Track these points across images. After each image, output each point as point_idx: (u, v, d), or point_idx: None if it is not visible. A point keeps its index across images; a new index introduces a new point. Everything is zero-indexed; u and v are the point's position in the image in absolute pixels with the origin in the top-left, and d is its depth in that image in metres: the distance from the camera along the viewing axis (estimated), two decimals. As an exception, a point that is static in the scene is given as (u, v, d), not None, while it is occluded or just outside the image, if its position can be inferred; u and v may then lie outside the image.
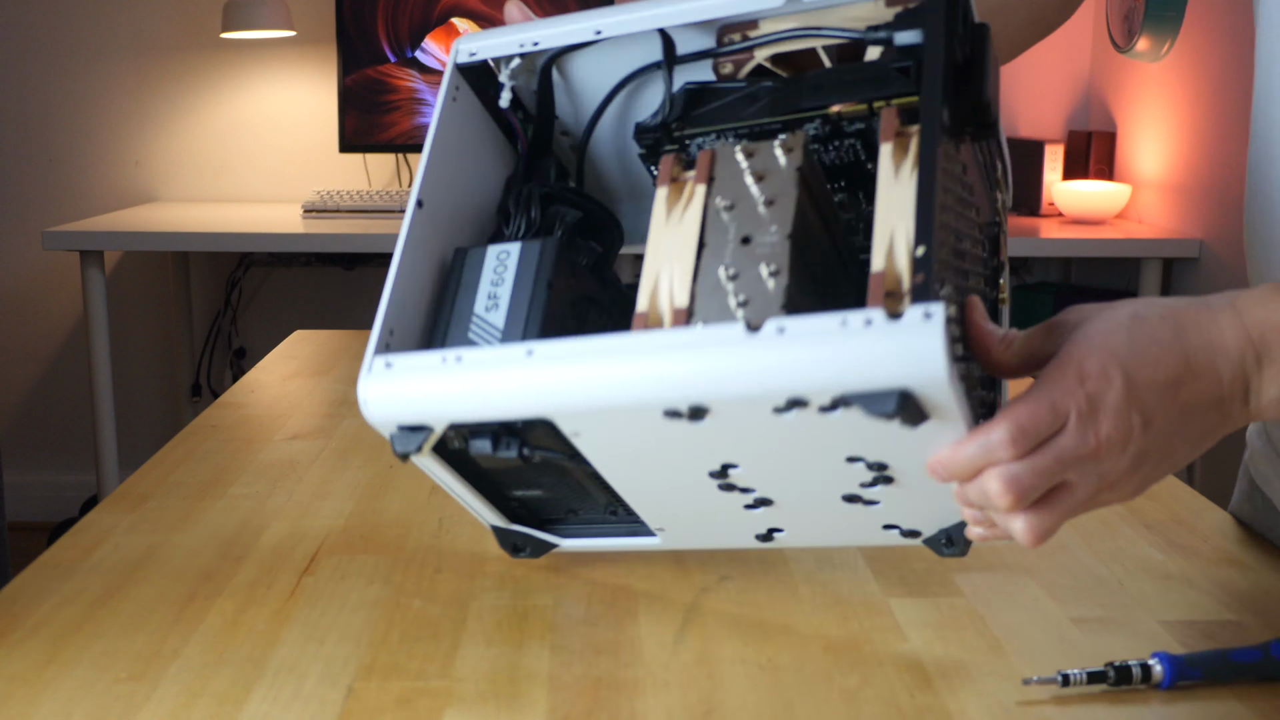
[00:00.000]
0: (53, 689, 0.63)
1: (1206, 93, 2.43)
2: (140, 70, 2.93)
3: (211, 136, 2.96)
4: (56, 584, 0.76)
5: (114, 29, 2.91)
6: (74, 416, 3.01)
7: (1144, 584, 0.78)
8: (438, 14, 2.76)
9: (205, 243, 2.46)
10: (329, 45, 2.90)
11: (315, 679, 0.65)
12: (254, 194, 2.99)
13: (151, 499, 0.91)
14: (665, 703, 0.63)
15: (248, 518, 0.88)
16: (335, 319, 3.01)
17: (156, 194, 2.98)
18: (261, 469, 0.99)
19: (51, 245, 2.42)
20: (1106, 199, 2.62)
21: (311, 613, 0.73)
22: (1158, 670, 0.64)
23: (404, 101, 2.77)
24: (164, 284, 3.01)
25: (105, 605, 0.73)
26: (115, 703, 0.62)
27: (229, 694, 0.63)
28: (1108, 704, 0.63)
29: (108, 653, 0.67)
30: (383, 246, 2.46)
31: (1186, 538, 0.86)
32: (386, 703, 0.63)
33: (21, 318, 3.00)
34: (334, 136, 2.93)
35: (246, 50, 2.93)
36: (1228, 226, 2.36)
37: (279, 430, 1.10)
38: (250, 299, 3.04)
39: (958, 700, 0.63)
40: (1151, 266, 2.51)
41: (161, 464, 1.00)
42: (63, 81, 2.93)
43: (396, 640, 0.70)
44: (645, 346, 0.57)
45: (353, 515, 0.89)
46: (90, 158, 2.96)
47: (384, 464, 1.00)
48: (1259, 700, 0.64)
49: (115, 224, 2.52)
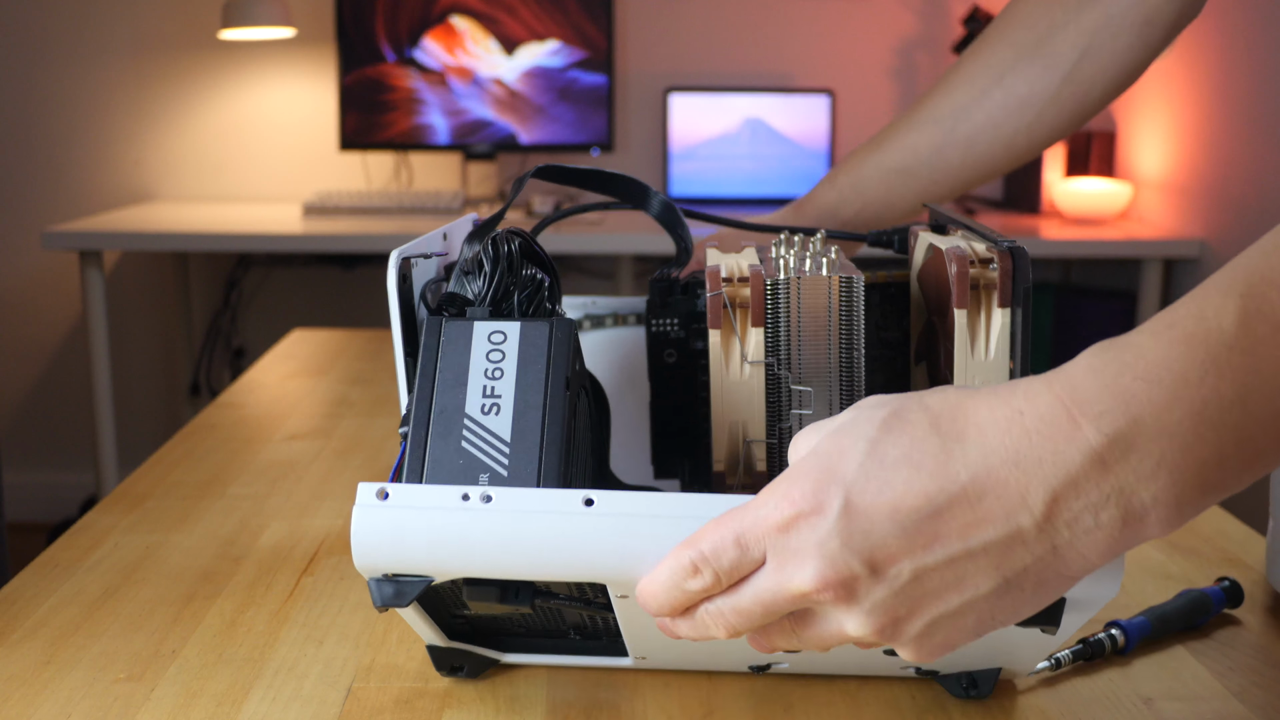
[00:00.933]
0: (51, 689, 0.63)
1: (1208, 92, 2.43)
2: (139, 69, 2.93)
3: (210, 136, 2.96)
4: (55, 584, 0.76)
5: (113, 28, 2.91)
6: (73, 416, 3.01)
7: (1144, 584, 0.78)
8: (437, 13, 2.76)
9: (204, 243, 2.46)
10: (328, 44, 2.90)
11: (314, 679, 0.65)
12: (253, 194, 2.99)
13: (150, 499, 0.91)
14: (665, 703, 0.63)
15: (247, 518, 0.88)
16: (334, 319, 3.01)
17: (155, 194, 2.98)
18: (260, 469, 0.99)
19: (51, 245, 2.42)
20: (1107, 199, 2.62)
21: (310, 613, 0.73)
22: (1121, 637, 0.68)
23: (403, 101, 2.77)
24: (163, 284, 3.01)
25: (104, 605, 0.73)
26: (114, 703, 0.62)
27: (228, 694, 0.63)
28: (1107, 706, 0.63)
29: (106, 653, 0.67)
30: (382, 246, 2.46)
31: (1186, 538, 0.86)
32: (386, 703, 0.63)
33: (21, 317, 3.00)
34: (333, 136, 2.93)
35: (245, 49, 2.93)
36: (1229, 226, 2.36)
37: (278, 430, 1.10)
38: (249, 299, 3.04)
39: (958, 700, 0.63)
40: (1152, 266, 2.51)
41: (160, 464, 0.99)
42: (62, 81, 2.92)
43: (396, 641, 0.69)
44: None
45: (352, 515, 0.89)
46: (89, 157, 2.95)
47: (383, 464, 1.00)
48: (1259, 700, 0.64)
49: (114, 224, 2.52)
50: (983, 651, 0.58)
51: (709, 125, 2.85)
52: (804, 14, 2.93)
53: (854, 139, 2.95)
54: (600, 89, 2.78)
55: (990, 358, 0.59)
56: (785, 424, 0.62)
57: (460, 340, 0.55)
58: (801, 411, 0.62)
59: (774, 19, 2.93)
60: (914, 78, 2.95)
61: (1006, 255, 0.58)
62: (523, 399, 0.53)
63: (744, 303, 0.60)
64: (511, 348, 0.54)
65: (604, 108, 2.78)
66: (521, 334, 0.55)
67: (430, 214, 2.68)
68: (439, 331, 0.55)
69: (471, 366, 0.54)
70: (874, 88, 2.95)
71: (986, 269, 0.59)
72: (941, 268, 0.64)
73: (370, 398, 1.21)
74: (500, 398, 0.53)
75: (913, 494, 0.43)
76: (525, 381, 0.54)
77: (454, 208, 2.71)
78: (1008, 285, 0.58)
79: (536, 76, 2.77)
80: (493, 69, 2.77)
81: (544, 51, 2.77)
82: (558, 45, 2.77)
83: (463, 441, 0.52)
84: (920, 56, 2.94)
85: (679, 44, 2.93)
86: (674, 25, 2.93)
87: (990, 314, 0.59)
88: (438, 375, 0.54)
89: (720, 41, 2.94)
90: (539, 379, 0.54)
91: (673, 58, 2.93)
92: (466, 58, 2.77)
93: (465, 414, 0.53)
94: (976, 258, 0.59)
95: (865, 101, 2.95)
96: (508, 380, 0.54)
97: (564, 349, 0.54)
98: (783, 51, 2.94)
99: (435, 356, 0.55)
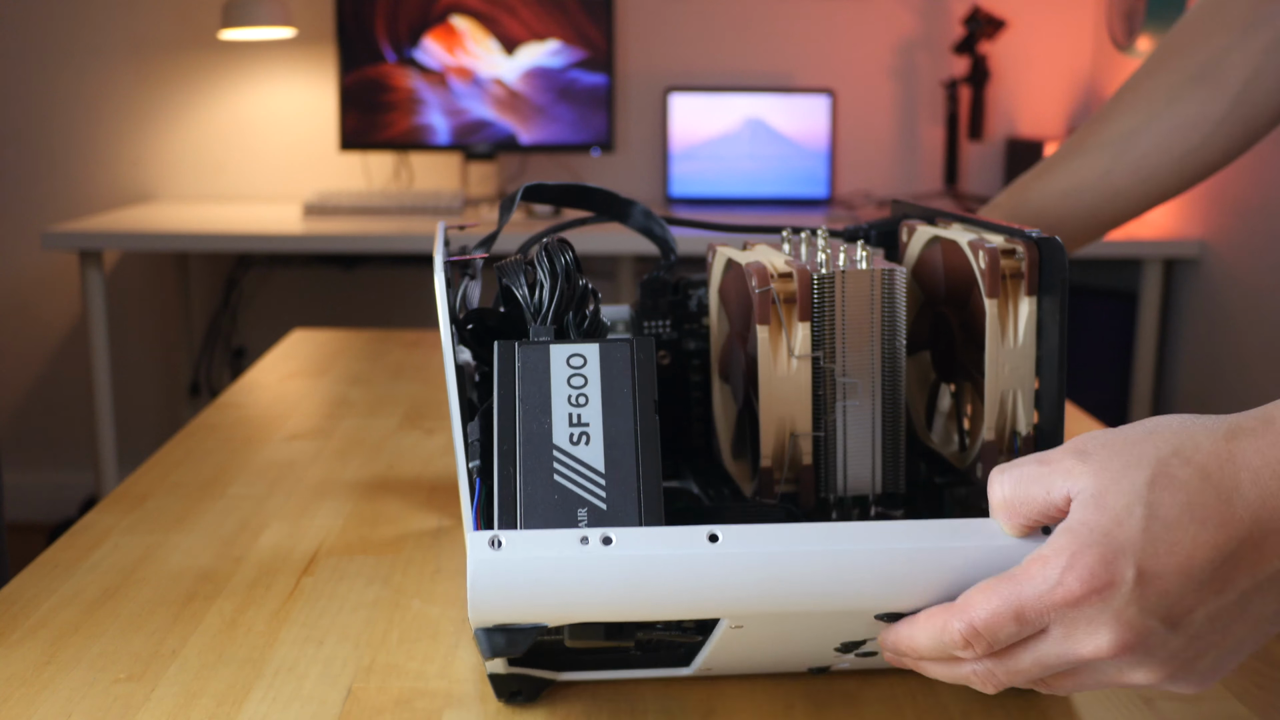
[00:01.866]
0: (51, 689, 0.63)
1: (1206, 92, 2.43)
2: (139, 69, 2.93)
3: (210, 136, 2.96)
4: (55, 584, 0.76)
5: (112, 28, 2.91)
6: (73, 416, 3.01)
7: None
8: (437, 13, 2.76)
9: (204, 243, 2.46)
10: (328, 44, 2.90)
11: (314, 679, 0.65)
12: (253, 194, 2.99)
13: (150, 499, 0.91)
14: (665, 703, 0.63)
15: (247, 518, 0.88)
16: (334, 319, 3.01)
17: (155, 194, 2.98)
18: (260, 469, 0.99)
19: (51, 245, 2.42)
20: (1106, 199, 2.62)
21: (310, 613, 0.73)
22: None
23: (403, 101, 2.77)
24: (163, 284, 3.01)
25: (104, 605, 0.73)
26: (114, 703, 0.62)
27: (228, 695, 0.63)
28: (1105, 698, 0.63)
29: (106, 653, 0.67)
30: (382, 246, 2.46)
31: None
32: (386, 703, 0.63)
33: (21, 318, 3.00)
34: (333, 136, 2.93)
35: (245, 49, 2.93)
36: (1228, 227, 2.36)
37: (278, 430, 1.10)
38: (249, 299, 3.04)
39: (958, 700, 0.63)
40: (1152, 266, 2.51)
41: (160, 464, 0.99)
42: (61, 81, 2.92)
43: (395, 641, 0.69)
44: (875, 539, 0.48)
45: (352, 515, 0.89)
46: (89, 157, 2.95)
47: (383, 464, 1.00)
48: (1259, 700, 0.64)
49: (114, 224, 2.52)
50: None
51: (709, 125, 2.85)
52: (804, 14, 2.93)
53: (854, 139, 2.95)
54: (600, 89, 2.77)
55: (1019, 345, 0.61)
56: (831, 416, 0.62)
57: (539, 366, 0.52)
58: (848, 403, 0.62)
59: (774, 19, 2.93)
60: (914, 78, 2.95)
61: (1033, 246, 0.60)
62: (613, 426, 0.50)
63: (789, 297, 0.61)
64: (593, 371, 0.52)
65: (604, 108, 2.78)
66: (602, 356, 0.52)
67: (430, 214, 2.68)
68: (514, 357, 0.52)
69: (554, 393, 0.51)
70: (874, 88, 2.95)
71: (1013, 259, 0.60)
72: (947, 259, 0.66)
73: (370, 398, 1.21)
74: (589, 425, 0.50)
75: (1202, 548, 0.45)
76: (613, 407, 0.51)
77: (454, 208, 2.71)
78: (1034, 275, 0.60)
79: (537, 76, 2.77)
80: (493, 69, 2.77)
81: (544, 51, 2.77)
82: (558, 45, 2.77)
83: (555, 475, 0.50)
84: (920, 56, 2.94)
85: (679, 44, 2.93)
86: (674, 25, 2.93)
87: (1018, 304, 0.61)
88: (519, 404, 0.51)
89: (720, 41, 2.94)
90: (626, 403, 0.51)
91: (673, 58, 2.93)
92: (467, 58, 2.77)
93: (554, 444, 0.50)
94: (1000, 249, 0.61)
95: (865, 101, 2.94)
96: (594, 406, 0.51)
97: (648, 369, 0.52)
98: (783, 51, 2.94)
99: (513, 384, 0.51)
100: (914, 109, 2.96)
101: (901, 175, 2.98)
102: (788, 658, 0.61)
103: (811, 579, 0.48)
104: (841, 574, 0.48)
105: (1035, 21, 2.91)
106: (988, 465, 0.62)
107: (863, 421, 0.63)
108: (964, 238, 0.64)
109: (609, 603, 0.48)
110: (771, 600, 0.49)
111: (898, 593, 0.49)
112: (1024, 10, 2.90)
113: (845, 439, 0.63)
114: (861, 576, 0.49)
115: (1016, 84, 2.94)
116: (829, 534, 0.49)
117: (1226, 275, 2.36)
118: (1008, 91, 2.94)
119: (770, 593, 0.48)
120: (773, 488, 0.63)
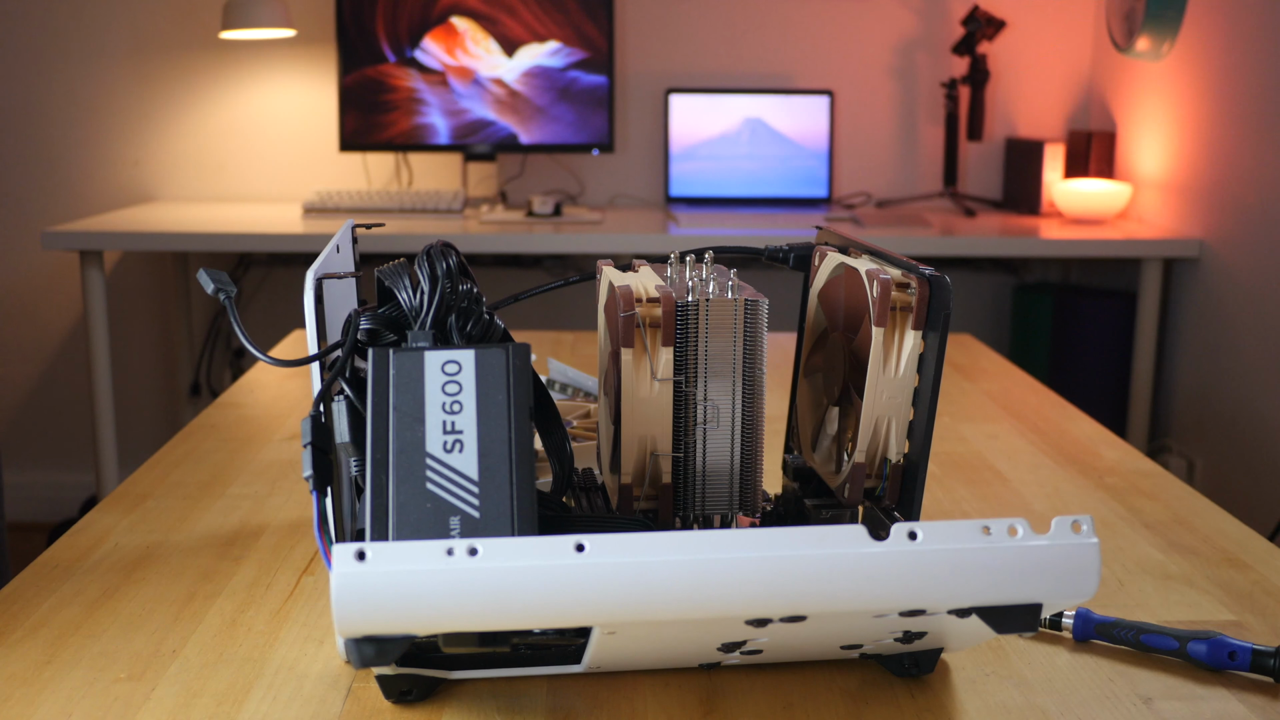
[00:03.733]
0: (52, 689, 0.63)
1: (1207, 92, 2.43)
2: (139, 70, 2.93)
3: (211, 136, 2.96)
4: (55, 584, 0.76)
5: (113, 28, 2.91)
6: (73, 416, 3.01)
7: (1144, 584, 0.78)
8: (437, 13, 2.76)
9: (204, 243, 2.46)
10: (328, 45, 2.90)
11: (315, 679, 0.65)
12: (253, 194, 2.99)
13: (151, 499, 0.91)
14: (665, 703, 0.63)
15: (247, 518, 0.88)
16: (335, 319, 3.01)
17: (156, 194, 2.98)
18: (260, 469, 0.99)
19: (51, 245, 2.42)
20: (1107, 199, 2.62)
21: (310, 613, 0.73)
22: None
23: (403, 101, 2.77)
24: (163, 284, 3.01)
25: (104, 605, 0.73)
26: (114, 703, 0.62)
27: (228, 694, 0.63)
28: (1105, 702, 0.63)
29: (107, 653, 0.67)
30: (381, 247, 2.46)
31: (1186, 538, 0.86)
32: (386, 703, 0.63)
33: (21, 318, 3.00)
34: (333, 136, 2.93)
35: (246, 49, 2.93)
36: (1228, 226, 2.36)
37: (278, 430, 1.10)
38: (249, 299, 3.04)
39: (958, 700, 0.63)
40: (1152, 266, 2.51)
41: (161, 464, 0.99)
42: (62, 81, 2.93)
43: (396, 640, 0.69)
44: (740, 546, 0.48)
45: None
46: (89, 157, 2.95)
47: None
48: (1259, 700, 0.64)
49: (114, 224, 2.52)
50: (930, 638, 0.61)
51: (709, 125, 2.85)
52: (804, 14, 2.93)
53: (854, 139, 2.95)
54: (600, 89, 2.78)
55: (900, 375, 0.63)
56: (691, 439, 0.64)
57: (412, 372, 0.51)
58: (707, 426, 0.64)
59: (774, 19, 2.93)
60: (914, 78, 2.95)
61: (925, 282, 0.62)
62: (487, 434, 0.50)
63: (654, 322, 0.62)
64: (468, 378, 0.51)
65: (604, 108, 2.78)
66: (477, 363, 0.51)
67: (430, 214, 2.68)
68: (388, 363, 0.51)
69: (428, 400, 0.50)
70: (874, 88, 2.95)
71: (904, 293, 0.63)
72: (849, 287, 0.68)
73: (370, 398, 1.21)
74: (463, 433, 0.50)
75: None
76: (487, 414, 0.50)
77: (454, 208, 2.71)
78: (922, 310, 0.62)
79: (537, 77, 2.77)
80: (493, 69, 2.77)
81: (544, 52, 2.77)
82: (558, 46, 2.77)
83: (428, 484, 0.49)
84: (920, 56, 2.94)
85: (679, 44, 2.93)
86: (674, 25, 2.93)
87: (903, 335, 0.63)
88: (392, 412, 0.50)
89: (720, 41, 2.94)
90: (501, 411, 0.50)
91: (673, 58, 2.93)
92: (467, 58, 2.78)
93: (427, 452, 0.49)
94: (895, 281, 0.63)
95: (865, 101, 2.95)
96: (468, 414, 0.50)
97: (524, 377, 0.51)
98: (783, 51, 2.94)
99: (387, 391, 0.50)
100: (913, 109, 2.96)
101: (900, 175, 2.98)
102: (672, 658, 0.62)
103: (678, 587, 0.47)
104: (707, 582, 0.48)
105: (1035, 22, 2.91)
106: (855, 487, 0.64)
107: (721, 445, 0.65)
108: (865, 266, 0.65)
109: (476, 613, 0.47)
110: (638, 609, 0.48)
111: (763, 599, 0.49)
112: (1023, 10, 2.90)
113: (704, 461, 0.64)
114: (726, 584, 0.48)
115: (1016, 84, 2.94)
116: (696, 542, 0.48)
117: (1225, 275, 2.36)
118: (1007, 92, 2.94)
119: (637, 601, 0.47)
120: (632, 504, 0.64)
